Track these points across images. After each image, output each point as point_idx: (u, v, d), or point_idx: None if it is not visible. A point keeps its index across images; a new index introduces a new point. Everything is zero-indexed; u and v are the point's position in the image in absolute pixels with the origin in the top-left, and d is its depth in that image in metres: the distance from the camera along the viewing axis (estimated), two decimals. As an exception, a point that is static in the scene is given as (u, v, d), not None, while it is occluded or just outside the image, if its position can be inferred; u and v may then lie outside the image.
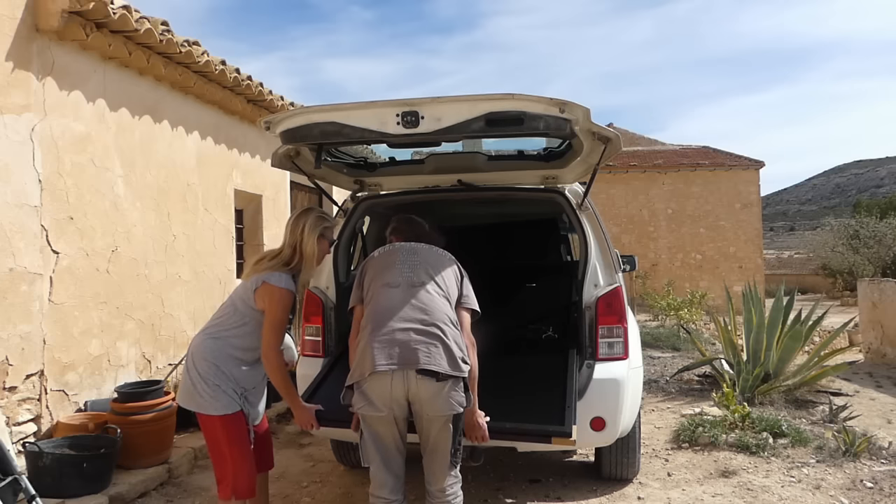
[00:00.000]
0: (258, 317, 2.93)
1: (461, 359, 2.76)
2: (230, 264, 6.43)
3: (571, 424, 3.10)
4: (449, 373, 2.70)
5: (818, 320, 6.85)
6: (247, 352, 2.94)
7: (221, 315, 3.01)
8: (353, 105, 3.17)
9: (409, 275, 2.95)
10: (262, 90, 6.47)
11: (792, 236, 61.20)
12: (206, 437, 2.92)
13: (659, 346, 9.88)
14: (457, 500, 2.87)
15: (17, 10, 4.03)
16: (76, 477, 3.70)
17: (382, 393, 2.73)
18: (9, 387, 3.94)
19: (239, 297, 2.98)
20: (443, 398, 2.72)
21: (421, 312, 2.81)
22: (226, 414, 2.83)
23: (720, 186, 18.32)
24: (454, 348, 2.75)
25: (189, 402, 2.89)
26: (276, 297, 2.88)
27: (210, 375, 2.84)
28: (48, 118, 4.24)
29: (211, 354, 2.89)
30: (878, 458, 4.48)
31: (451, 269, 3.04)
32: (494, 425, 2.99)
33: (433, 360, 2.71)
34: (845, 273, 21.87)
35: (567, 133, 3.16)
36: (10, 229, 3.96)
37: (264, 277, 2.91)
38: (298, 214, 3.09)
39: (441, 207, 5.11)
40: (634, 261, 5.26)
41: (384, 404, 2.75)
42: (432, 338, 2.75)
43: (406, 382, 2.72)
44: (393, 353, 2.73)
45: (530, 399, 3.44)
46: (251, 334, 2.94)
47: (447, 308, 2.87)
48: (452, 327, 2.82)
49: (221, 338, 2.93)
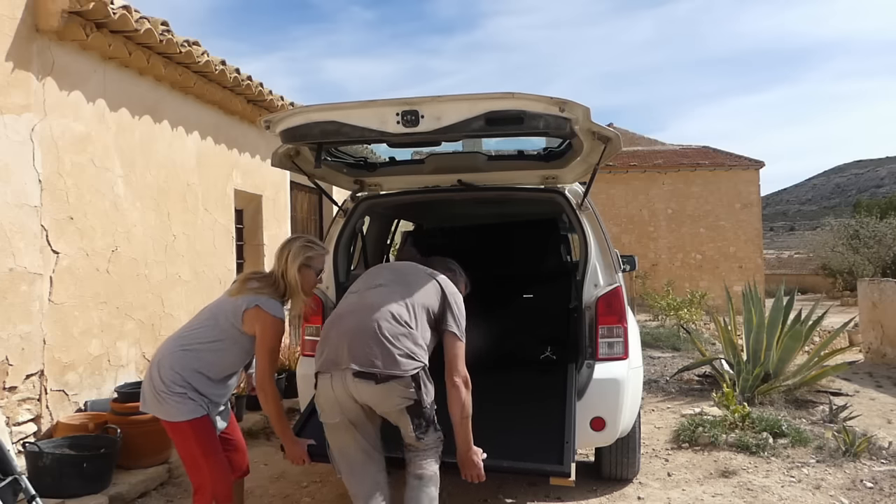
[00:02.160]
0: (238, 338, 2.85)
1: (403, 355, 2.63)
2: (230, 264, 6.43)
3: (570, 463, 2.99)
4: (387, 373, 2.59)
5: (818, 320, 6.85)
6: (216, 369, 2.87)
7: (199, 326, 2.92)
8: (352, 104, 3.17)
9: (370, 282, 2.94)
10: (262, 90, 6.46)
11: (792, 236, 61.21)
12: (178, 445, 2.87)
13: (659, 346, 9.88)
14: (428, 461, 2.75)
15: (17, 10, 4.03)
16: (76, 477, 3.69)
17: (327, 398, 2.68)
18: (9, 387, 3.94)
19: (223, 312, 2.89)
20: (387, 398, 2.64)
21: (367, 311, 2.74)
22: (194, 418, 2.78)
23: (720, 186, 18.32)
24: (393, 345, 2.63)
25: (156, 409, 2.83)
26: (270, 325, 2.81)
27: (175, 385, 2.78)
28: (48, 118, 4.23)
29: (179, 366, 2.82)
30: (878, 458, 4.48)
31: (432, 285, 2.91)
32: (490, 463, 2.89)
33: (364, 360, 2.61)
34: (845, 273, 21.87)
35: (567, 132, 3.16)
36: (10, 229, 3.96)
37: (258, 302, 2.83)
38: (284, 242, 3.03)
39: (441, 207, 5.11)
40: (634, 261, 5.26)
41: (332, 410, 2.69)
42: (368, 335, 2.65)
43: (346, 385, 2.63)
44: (330, 354, 2.69)
45: (527, 431, 3.31)
46: (224, 352, 2.87)
47: (399, 308, 2.74)
48: (396, 324, 2.69)
49: (192, 350, 2.85)
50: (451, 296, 2.90)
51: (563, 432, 3.17)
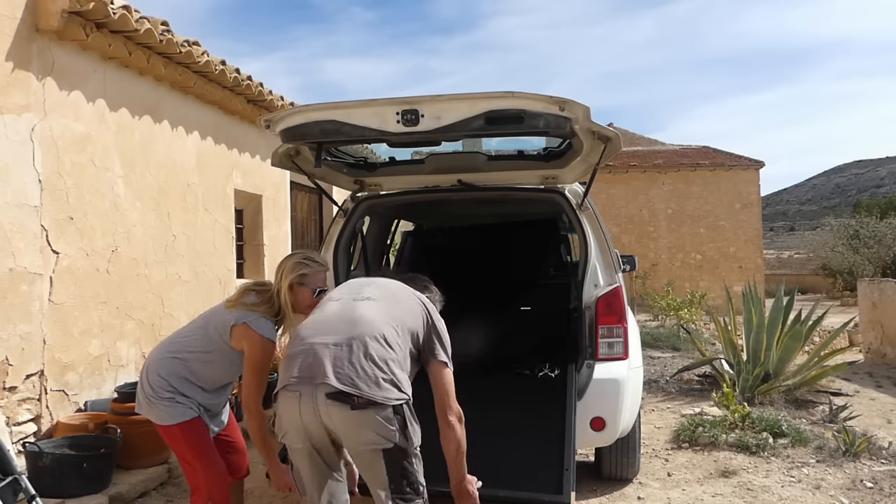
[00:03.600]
0: (227, 352, 2.79)
1: (389, 381, 2.31)
2: (230, 264, 6.43)
3: (570, 492, 2.93)
4: (367, 397, 2.25)
5: (818, 320, 6.85)
6: (205, 380, 2.81)
7: (189, 334, 2.86)
8: (353, 103, 3.17)
9: (355, 292, 2.63)
10: (262, 90, 6.47)
11: (792, 236, 61.17)
12: (172, 448, 2.85)
13: (659, 346, 9.88)
14: None
15: (17, 10, 4.03)
16: (76, 477, 3.69)
17: (292, 419, 2.33)
18: (9, 387, 3.94)
19: (214, 324, 2.81)
20: (360, 430, 2.28)
21: (349, 325, 2.42)
22: (183, 421, 2.73)
23: (720, 186, 18.32)
24: (380, 368, 2.31)
25: (148, 413, 2.81)
26: (258, 345, 2.71)
27: (163, 390, 2.74)
28: (48, 118, 4.23)
29: (165, 371, 2.78)
30: (878, 458, 4.48)
31: (419, 307, 2.64)
32: (485, 493, 2.71)
33: (344, 377, 2.27)
34: (845, 273, 21.86)
35: (567, 132, 3.16)
36: (10, 229, 3.96)
37: (247, 319, 2.72)
38: (283, 258, 2.91)
39: (441, 207, 5.11)
40: (634, 261, 5.26)
41: (297, 434, 2.35)
42: (353, 352, 2.32)
43: (316, 407, 2.28)
44: (303, 367, 2.33)
45: (524, 451, 3.19)
46: (213, 364, 2.80)
47: (388, 329, 2.43)
48: (386, 346, 2.39)
49: (181, 359, 2.80)
50: (437, 321, 2.66)
51: (562, 455, 3.06)
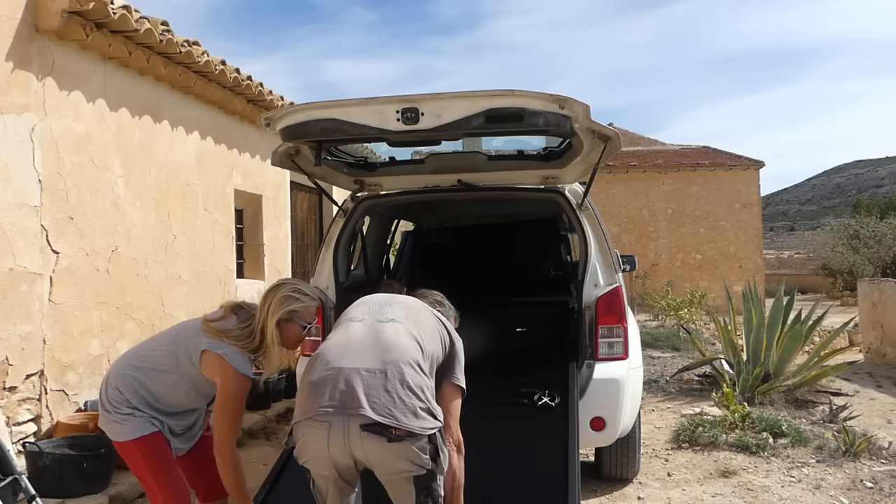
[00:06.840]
0: (195, 376, 2.55)
1: (426, 410, 2.24)
2: (230, 264, 6.43)
3: None
4: (405, 428, 2.17)
5: (818, 320, 6.84)
6: (165, 403, 2.58)
7: (156, 348, 2.62)
8: (353, 101, 3.16)
9: (377, 312, 2.51)
10: (262, 90, 6.47)
11: (792, 236, 61.13)
12: (130, 466, 2.59)
13: (659, 346, 9.87)
14: None
15: (17, 10, 4.03)
16: (76, 477, 3.69)
17: (319, 451, 2.22)
18: (9, 387, 3.94)
19: (185, 344, 2.55)
20: (396, 461, 2.21)
21: (380, 349, 2.32)
22: (141, 436, 2.50)
23: (720, 186, 18.30)
24: (417, 398, 2.24)
25: (105, 427, 2.59)
26: (231, 380, 2.47)
27: (121, 405, 2.53)
28: (48, 118, 4.23)
29: (123, 386, 2.55)
30: (878, 458, 4.48)
31: (439, 330, 2.57)
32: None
33: (381, 408, 2.17)
34: (845, 273, 21.85)
35: (567, 130, 3.15)
36: (10, 229, 3.96)
37: (222, 351, 2.48)
38: (269, 289, 2.62)
39: (441, 207, 5.11)
40: (634, 261, 5.26)
41: (321, 463, 2.25)
42: (389, 380, 2.23)
43: (348, 440, 2.18)
44: (334, 394, 2.21)
45: (524, 486, 3.05)
46: (176, 388, 2.56)
47: (419, 355, 2.36)
48: (421, 373, 2.32)
49: (143, 374, 2.56)
50: (456, 341, 2.61)
51: (566, 499, 2.85)
